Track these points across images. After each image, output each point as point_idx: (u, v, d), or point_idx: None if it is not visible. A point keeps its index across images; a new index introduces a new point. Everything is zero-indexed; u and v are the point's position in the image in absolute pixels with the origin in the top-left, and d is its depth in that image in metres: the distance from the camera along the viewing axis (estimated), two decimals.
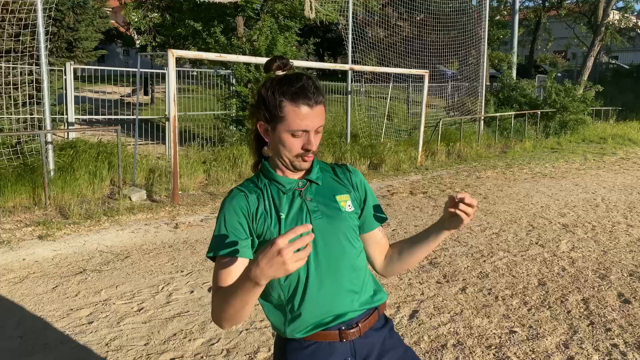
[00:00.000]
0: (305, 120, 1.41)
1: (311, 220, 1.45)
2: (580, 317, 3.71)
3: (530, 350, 3.21)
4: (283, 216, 1.45)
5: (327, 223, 1.47)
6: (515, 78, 18.31)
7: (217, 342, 3.25)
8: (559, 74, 23.64)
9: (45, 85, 6.92)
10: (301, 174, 1.52)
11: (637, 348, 3.25)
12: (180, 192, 7.21)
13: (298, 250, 1.14)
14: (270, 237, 1.42)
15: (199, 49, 11.49)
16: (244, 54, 9.77)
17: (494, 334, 3.43)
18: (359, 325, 1.49)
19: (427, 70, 11.18)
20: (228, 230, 1.43)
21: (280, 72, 1.46)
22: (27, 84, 7.39)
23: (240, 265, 1.39)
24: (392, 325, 1.62)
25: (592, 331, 3.49)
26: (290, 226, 1.43)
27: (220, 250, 1.41)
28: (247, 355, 3.09)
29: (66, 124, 8.82)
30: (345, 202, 1.54)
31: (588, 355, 3.16)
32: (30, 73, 7.44)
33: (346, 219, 1.51)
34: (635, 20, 30.47)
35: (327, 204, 1.51)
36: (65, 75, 8.96)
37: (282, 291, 1.46)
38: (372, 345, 1.51)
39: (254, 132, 1.53)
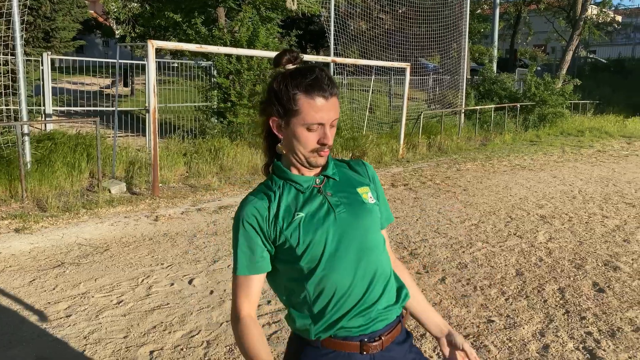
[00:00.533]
0: (321, 112, 1.35)
1: (335, 216, 1.39)
2: (556, 306, 3.79)
3: (507, 339, 3.27)
4: (302, 215, 1.38)
5: (353, 216, 1.41)
6: (496, 71, 18.49)
7: (197, 334, 3.24)
8: (539, 68, 23.94)
9: (21, 75, 6.79)
10: (317, 170, 1.44)
11: (611, 336, 3.33)
12: (160, 184, 7.14)
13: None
14: (289, 240, 1.37)
15: (180, 40, 11.36)
16: (225, 45, 9.68)
17: (472, 323, 3.49)
18: (382, 338, 1.42)
19: (409, 63, 11.22)
20: (242, 249, 1.39)
21: (290, 66, 1.40)
22: (2, 74, 7.24)
23: (257, 280, 1.40)
24: (412, 338, 1.54)
25: (568, 320, 3.56)
26: (312, 226, 1.37)
27: (238, 271, 1.39)
28: (228, 347, 3.10)
29: (43, 116, 8.66)
30: (367, 194, 1.48)
31: (563, 343, 3.23)
32: (6, 63, 7.28)
33: (371, 210, 1.45)
34: (612, 15, 30.95)
35: (349, 197, 1.44)
36: (43, 65, 8.78)
37: (309, 292, 1.39)
38: (393, 359, 1.45)
39: (265, 131, 1.45)
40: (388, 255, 1.50)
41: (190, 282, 4.07)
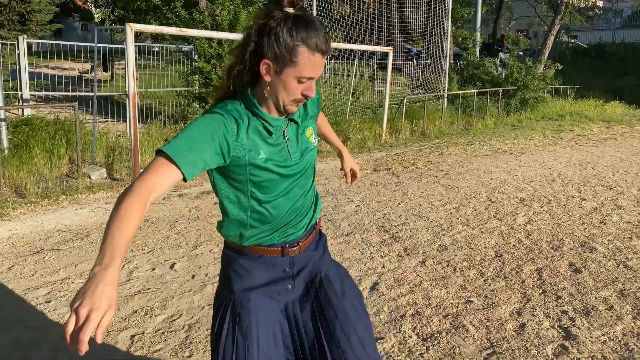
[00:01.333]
0: (316, 68, 1.41)
1: (290, 161, 1.55)
2: (534, 286, 3.86)
3: (485, 319, 3.33)
4: (263, 155, 1.48)
5: (301, 159, 1.59)
6: (479, 56, 18.55)
7: (178, 318, 3.25)
8: (521, 53, 24.06)
9: None
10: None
11: (585, 314, 3.41)
12: (141, 170, 7.08)
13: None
14: (246, 168, 1.47)
15: (160, 24, 11.17)
16: (206, 29, 9.56)
17: (451, 303, 3.54)
18: (300, 244, 1.65)
19: (392, 47, 11.21)
20: (190, 137, 1.38)
21: (290, 9, 1.39)
22: None
23: (174, 175, 1.35)
24: (325, 240, 1.80)
25: (544, 299, 3.64)
26: (271, 165, 1.50)
27: (169, 150, 1.35)
28: (209, 330, 3.11)
29: (20, 101, 8.50)
30: (312, 136, 1.65)
31: (539, 321, 3.31)
32: None
33: (314, 152, 1.66)
34: (593, 0, 31.14)
35: (301, 141, 1.60)
36: (19, 49, 8.59)
37: (249, 211, 1.55)
38: (309, 258, 1.69)
39: (247, 68, 1.43)
40: (313, 179, 1.71)
41: (171, 267, 4.06)
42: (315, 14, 10.80)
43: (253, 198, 1.53)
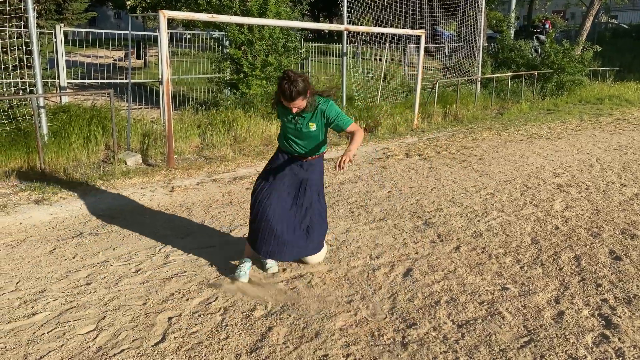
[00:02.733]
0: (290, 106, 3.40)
1: (296, 127, 3.47)
2: (572, 273, 3.78)
3: (522, 306, 3.28)
4: (288, 122, 3.51)
5: (302, 132, 3.47)
6: (513, 39, 18.06)
7: (214, 301, 3.30)
8: (557, 35, 23.33)
9: (35, 48, 6.79)
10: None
11: (627, 303, 3.32)
12: (175, 156, 7.19)
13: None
14: (283, 120, 3.55)
15: (191, 11, 11.24)
16: (235, 14, 9.57)
17: (487, 290, 3.50)
18: (308, 158, 3.58)
19: (424, 31, 11.01)
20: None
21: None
22: (16, 48, 7.26)
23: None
24: (319, 166, 3.68)
25: (583, 287, 3.55)
26: (291, 123, 3.48)
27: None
28: (244, 313, 3.15)
29: (58, 88, 8.70)
30: (313, 124, 3.45)
31: (578, 309, 3.23)
32: (20, 36, 7.29)
33: (310, 131, 3.46)
34: None
35: (305, 125, 3.45)
36: (56, 38, 8.77)
37: (282, 137, 3.61)
38: (309, 166, 3.61)
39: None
40: (320, 138, 3.52)
41: (206, 250, 4.12)
42: None
43: (282, 132, 3.61)
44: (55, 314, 3.11)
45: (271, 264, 3.73)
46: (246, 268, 3.60)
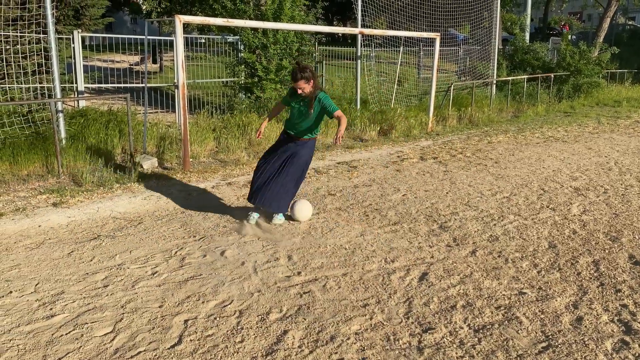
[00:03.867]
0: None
1: (299, 109, 4.66)
2: (591, 278, 3.73)
3: (539, 311, 3.24)
4: (295, 102, 4.69)
5: (302, 114, 4.64)
6: (528, 41, 17.91)
7: (230, 304, 3.31)
8: (574, 36, 23.09)
9: (54, 53, 6.90)
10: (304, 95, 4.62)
11: None
12: (191, 159, 7.24)
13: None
14: (291, 104, 4.76)
15: (206, 15, 11.32)
16: (250, 19, 9.62)
17: (504, 295, 3.46)
18: (300, 138, 4.73)
19: (438, 34, 10.96)
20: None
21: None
22: (35, 53, 7.38)
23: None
24: (309, 145, 4.76)
25: (602, 292, 3.50)
26: (295, 107, 4.68)
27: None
28: (260, 316, 3.16)
29: (76, 93, 8.82)
30: (311, 111, 4.57)
31: (597, 315, 3.19)
32: (39, 42, 7.41)
33: (309, 115, 4.60)
34: None
35: (305, 109, 4.62)
36: (73, 43, 8.91)
37: (288, 120, 4.81)
38: (302, 143, 4.73)
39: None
40: (315, 122, 4.66)
41: (222, 253, 4.14)
42: (359, 1, 10.70)
43: (290, 114, 4.79)
44: (73, 315, 3.14)
45: (254, 216, 4.88)
46: (256, 216, 4.87)
